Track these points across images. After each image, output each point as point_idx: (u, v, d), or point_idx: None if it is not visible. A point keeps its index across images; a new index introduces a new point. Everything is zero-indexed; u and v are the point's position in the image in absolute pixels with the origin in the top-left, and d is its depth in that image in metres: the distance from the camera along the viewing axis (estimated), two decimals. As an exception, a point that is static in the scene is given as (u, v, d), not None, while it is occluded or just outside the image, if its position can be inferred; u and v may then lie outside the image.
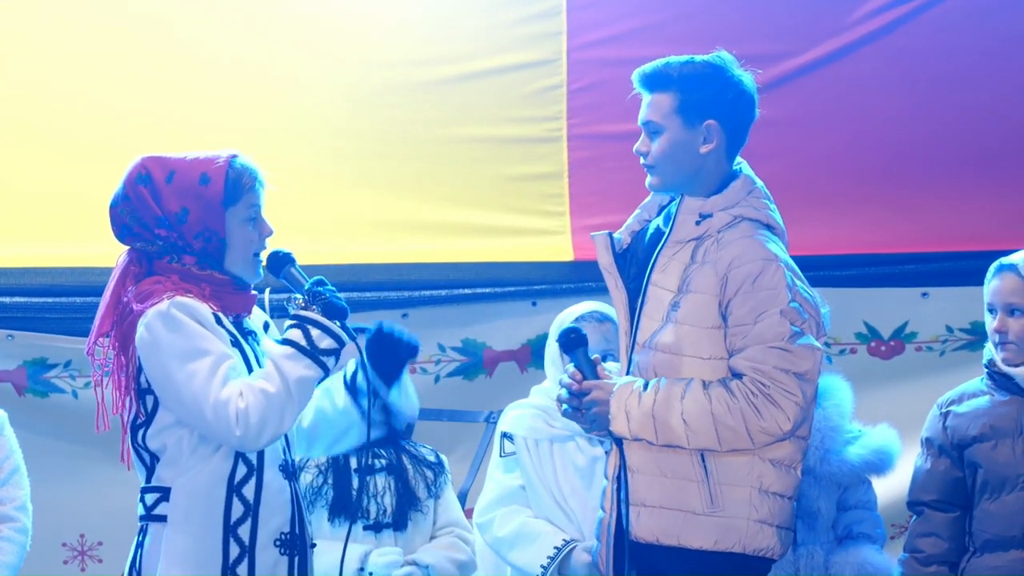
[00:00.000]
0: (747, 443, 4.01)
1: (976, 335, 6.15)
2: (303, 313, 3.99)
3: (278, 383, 3.90)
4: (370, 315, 6.14)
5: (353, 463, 4.85)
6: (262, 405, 3.88)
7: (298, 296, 4.04)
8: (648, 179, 4.22)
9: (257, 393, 3.88)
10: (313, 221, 6.10)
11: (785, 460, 4.11)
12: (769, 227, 4.17)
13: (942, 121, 6.26)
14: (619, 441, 4.11)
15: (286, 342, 3.96)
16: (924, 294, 6.25)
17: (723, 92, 4.16)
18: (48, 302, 6.23)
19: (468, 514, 5.27)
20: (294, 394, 3.92)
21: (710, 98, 4.15)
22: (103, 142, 6.17)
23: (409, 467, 4.95)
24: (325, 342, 3.96)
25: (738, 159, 4.26)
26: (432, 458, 5.03)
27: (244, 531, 3.97)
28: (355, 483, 4.84)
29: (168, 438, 3.99)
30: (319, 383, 4.00)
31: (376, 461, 4.91)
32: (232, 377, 3.90)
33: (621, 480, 4.14)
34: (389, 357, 4.06)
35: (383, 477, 4.89)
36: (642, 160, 4.22)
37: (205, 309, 3.96)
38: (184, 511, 3.97)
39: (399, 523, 4.89)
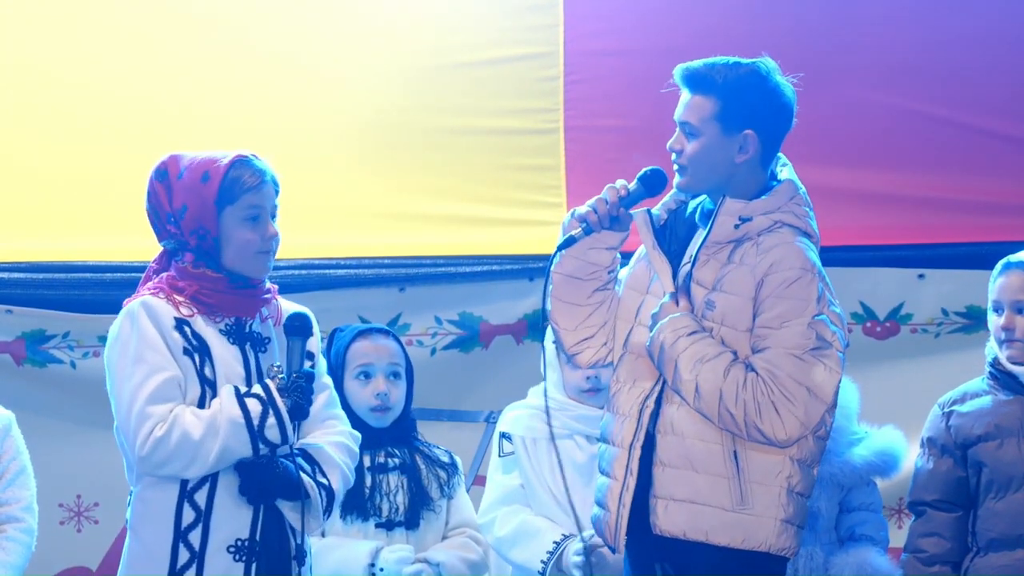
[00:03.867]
0: (741, 432, 4.03)
1: (971, 319, 6.18)
2: (275, 395, 4.03)
3: (205, 436, 3.96)
4: (368, 290, 6.20)
5: (366, 461, 4.85)
6: (176, 445, 3.95)
7: (282, 374, 4.07)
8: (677, 179, 4.19)
9: (182, 431, 3.96)
10: (307, 211, 6.06)
11: (808, 460, 4.14)
12: (807, 235, 4.15)
13: (941, 113, 6.27)
14: (654, 415, 4.13)
15: (244, 407, 4.00)
16: (920, 276, 6.25)
17: (764, 103, 4.12)
18: (47, 278, 6.23)
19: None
20: (212, 456, 3.98)
21: (751, 108, 4.10)
22: (123, 129, 6.25)
23: (422, 467, 4.95)
24: (272, 432, 4.02)
25: (784, 160, 4.23)
26: (446, 459, 5.04)
27: (195, 537, 4.03)
28: (367, 481, 4.86)
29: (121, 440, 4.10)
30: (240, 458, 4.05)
31: (389, 460, 4.92)
32: (165, 392, 3.97)
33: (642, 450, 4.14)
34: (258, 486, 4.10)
35: (396, 476, 4.90)
36: (674, 157, 4.17)
37: (168, 314, 4.03)
38: (139, 516, 4.08)
39: (411, 522, 4.90)
